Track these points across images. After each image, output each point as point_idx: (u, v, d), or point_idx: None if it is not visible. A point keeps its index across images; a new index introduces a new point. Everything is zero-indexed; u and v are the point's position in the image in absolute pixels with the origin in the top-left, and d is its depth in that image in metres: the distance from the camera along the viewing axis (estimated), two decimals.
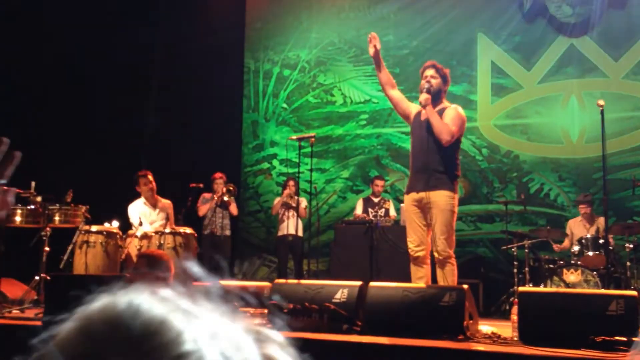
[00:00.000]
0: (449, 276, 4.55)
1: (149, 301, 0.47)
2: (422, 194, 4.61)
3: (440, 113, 4.67)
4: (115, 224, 6.10)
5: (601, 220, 6.64)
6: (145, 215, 6.47)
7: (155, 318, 0.46)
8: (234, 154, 10.12)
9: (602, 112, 5.14)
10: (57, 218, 5.77)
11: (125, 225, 6.40)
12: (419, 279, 4.63)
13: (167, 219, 6.49)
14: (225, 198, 7.51)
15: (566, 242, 7.31)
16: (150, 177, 6.52)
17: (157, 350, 0.44)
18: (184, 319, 0.47)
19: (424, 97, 4.64)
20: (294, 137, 6.27)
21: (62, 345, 0.45)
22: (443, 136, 4.56)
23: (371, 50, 4.83)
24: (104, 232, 5.85)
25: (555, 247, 7.33)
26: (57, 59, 8.04)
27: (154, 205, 6.58)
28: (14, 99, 7.72)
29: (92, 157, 8.13)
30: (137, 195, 6.63)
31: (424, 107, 4.63)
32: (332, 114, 9.88)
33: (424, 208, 4.64)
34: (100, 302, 0.47)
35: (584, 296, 4.23)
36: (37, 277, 5.53)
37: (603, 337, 3.51)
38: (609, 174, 6.25)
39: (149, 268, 3.29)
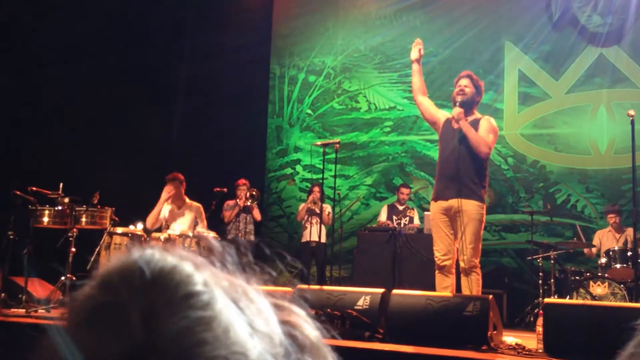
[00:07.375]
0: (474, 285, 4.51)
1: (161, 253, 0.51)
2: (453, 202, 4.57)
3: (474, 124, 4.64)
4: (140, 226, 6.15)
5: (630, 232, 6.53)
6: (167, 218, 6.53)
7: (168, 264, 0.49)
8: (259, 159, 10.17)
9: (632, 122, 5.06)
10: (83, 219, 5.82)
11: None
12: (445, 288, 4.59)
13: (195, 222, 6.50)
14: (248, 203, 7.54)
15: (593, 250, 7.21)
16: (170, 186, 6.44)
17: (168, 290, 0.47)
18: (195, 267, 0.51)
19: (456, 111, 4.60)
20: (319, 142, 6.28)
21: (84, 298, 0.48)
22: (481, 149, 4.55)
23: (415, 54, 4.82)
24: (129, 234, 5.91)
25: (587, 251, 7.27)
26: (86, 64, 8.16)
27: (177, 209, 6.61)
28: (44, 101, 7.86)
29: (120, 160, 8.23)
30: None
31: (457, 121, 4.60)
32: (356, 121, 9.87)
33: (452, 216, 4.60)
34: (115, 259, 0.50)
35: (611, 309, 4.15)
36: (63, 278, 5.60)
37: None
38: (638, 186, 6.13)
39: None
